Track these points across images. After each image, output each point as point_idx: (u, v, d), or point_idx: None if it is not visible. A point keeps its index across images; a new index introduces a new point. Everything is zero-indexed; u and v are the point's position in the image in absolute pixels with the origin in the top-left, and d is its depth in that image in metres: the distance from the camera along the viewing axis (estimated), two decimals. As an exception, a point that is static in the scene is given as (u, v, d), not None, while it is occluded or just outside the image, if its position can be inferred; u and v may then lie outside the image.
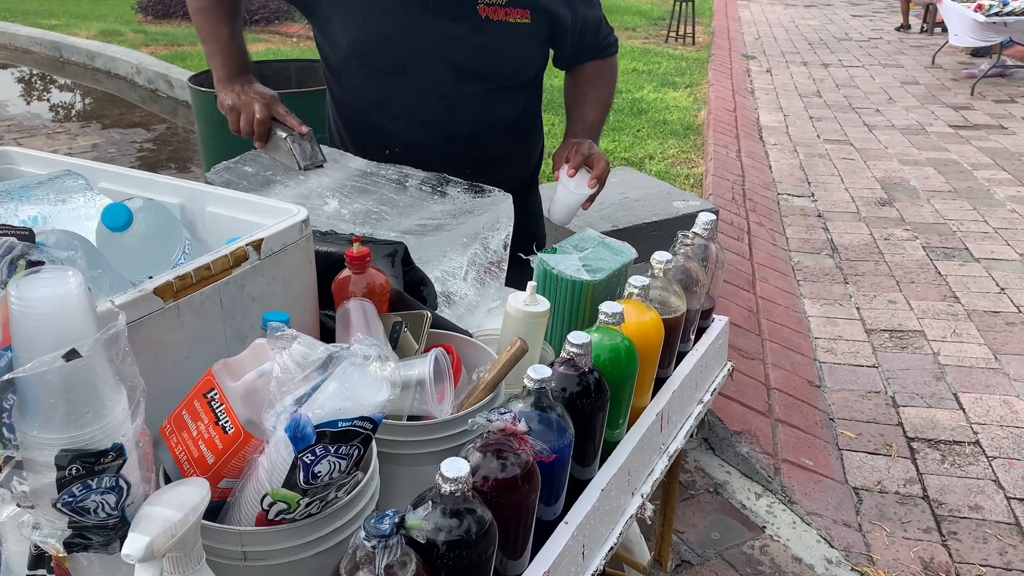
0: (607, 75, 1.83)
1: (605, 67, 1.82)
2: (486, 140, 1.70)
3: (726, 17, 11.90)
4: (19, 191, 1.15)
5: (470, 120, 1.66)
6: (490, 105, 1.67)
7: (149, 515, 0.64)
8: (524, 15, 1.59)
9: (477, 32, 1.58)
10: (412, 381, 0.94)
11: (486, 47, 1.59)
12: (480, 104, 1.65)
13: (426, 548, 0.72)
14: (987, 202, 4.94)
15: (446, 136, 1.67)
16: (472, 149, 1.68)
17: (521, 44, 1.63)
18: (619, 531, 1.11)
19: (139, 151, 5.88)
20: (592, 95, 1.80)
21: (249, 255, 0.99)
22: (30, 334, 0.62)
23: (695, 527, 2.37)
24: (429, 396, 0.93)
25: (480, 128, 1.68)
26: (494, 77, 1.64)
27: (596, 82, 1.81)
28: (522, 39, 1.62)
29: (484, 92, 1.64)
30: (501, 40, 1.60)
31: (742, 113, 6.72)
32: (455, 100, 1.64)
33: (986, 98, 7.40)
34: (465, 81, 1.62)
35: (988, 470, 2.62)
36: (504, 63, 1.64)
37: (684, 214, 2.78)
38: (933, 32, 10.66)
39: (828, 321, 3.58)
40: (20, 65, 8.76)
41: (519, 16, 1.59)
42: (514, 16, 1.59)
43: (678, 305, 1.27)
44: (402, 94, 1.66)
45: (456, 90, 1.63)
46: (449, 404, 0.98)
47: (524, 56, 1.66)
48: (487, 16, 1.57)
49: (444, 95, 1.63)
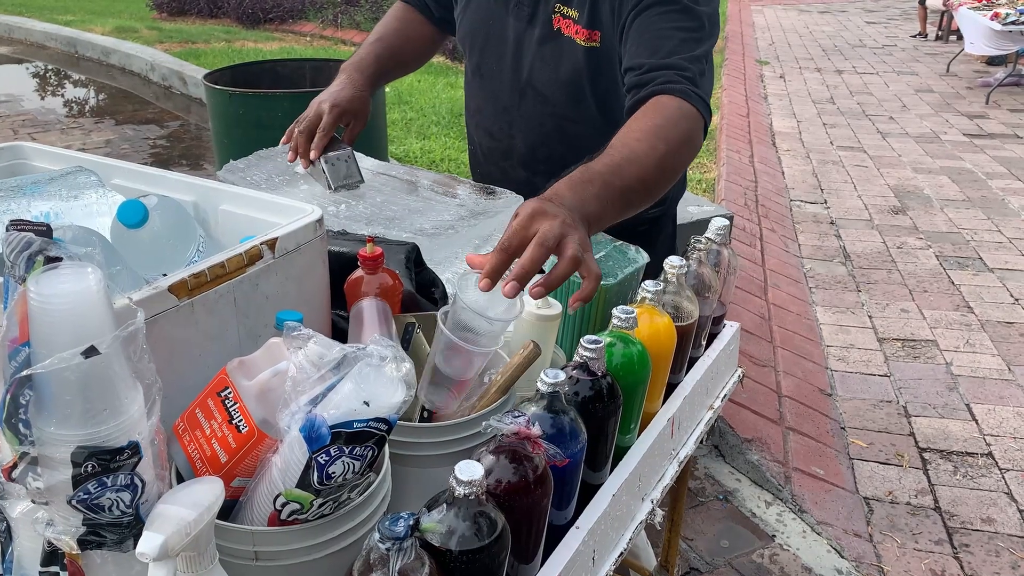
0: (671, 118, 1.22)
1: (674, 107, 1.24)
2: (540, 168, 1.56)
3: (740, 22, 11.87)
4: (31, 187, 1.15)
5: (525, 141, 1.58)
6: (547, 131, 1.54)
7: (163, 514, 0.64)
8: (594, 38, 1.41)
9: (544, 41, 1.47)
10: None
11: (548, 61, 1.48)
12: (537, 126, 1.55)
13: (439, 551, 0.71)
14: (1001, 212, 4.90)
15: (504, 151, 1.62)
16: (527, 173, 1.61)
17: (581, 67, 1.45)
18: (629, 536, 1.10)
19: (152, 148, 5.91)
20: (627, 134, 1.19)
21: (263, 254, 0.98)
22: (49, 330, 0.62)
23: (704, 534, 2.35)
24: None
25: (536, 153, 1.58)
26: (551, 98, 1.51)
27: (650, 115, 1.23)
28: (585, 63, 1.44)
29: (543, 115, 1.53)
30: (563, 56, 1.46)
31: (755, 119, 6.70)
32: (513, 115, 1.57)
33: (1001, 107, 7.35)
34: (525, 96, 1.54)
35: (1001, 482, 2.60)
36: (561, 83, 1.48)
37: (698, 219, 2.77)
38: (948, 40, 10.60)
39: (840, 329, 3.56)
40: (35, 60, 8.82)
41: (589, 38, 1.42)
42: (583, 36, 1.42)
43: (691, 310, 1.26)
44: (477, 95, 1.63)
45: (516, 104, 1.56)
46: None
47: (580, 83, 1.46)
48: (559, 28, 1.45)
49: (506, 107, 1.58)
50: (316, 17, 10.29)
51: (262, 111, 2.84)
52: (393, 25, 1.69)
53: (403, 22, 1.70)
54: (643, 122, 1.21)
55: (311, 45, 9.06)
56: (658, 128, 1.20)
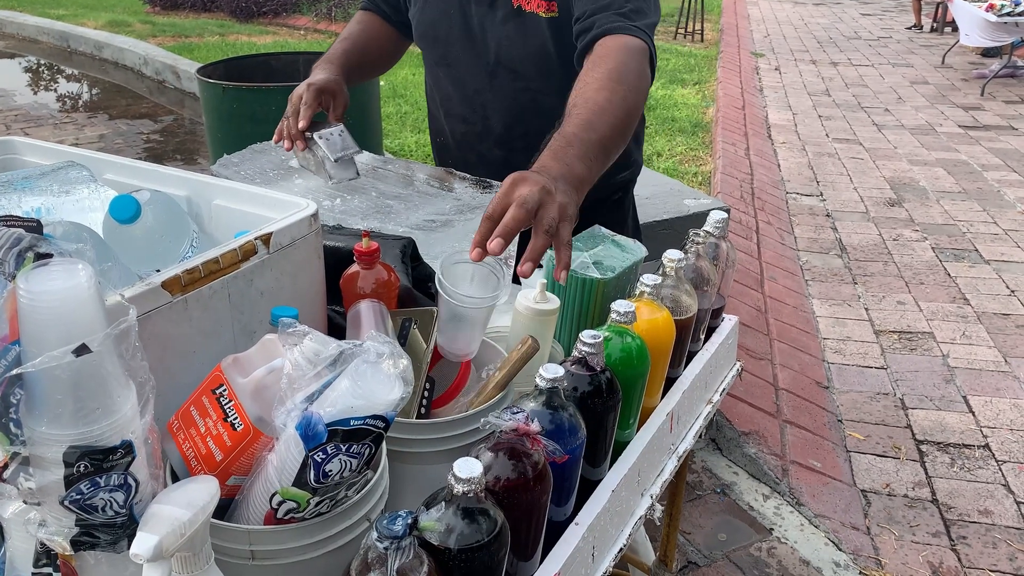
0: (619, 59, 1.29)
1: (618, 46, 1.31)
2: (517, 145, 1.61)
3: (735, 14, 11.85)
4: (22, 182, 1.14)
5: (500, 120, 1.63)
6: (521, 107, 1.60)
7: (158, 514, 0.63)
8: (552, 8, 1.51)
9: (508, 20, 1.54)
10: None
11: (514, 38, 1.55)
12: (512, 103, 1.60)
13: (438, 549, 0.71)
14: (997, 204, 4.90)
15: (479, 134, 1.65)
16: (503, 152, 1.64)
17: (547, 38, 1.54)
18: (629, 532, 1.09)
19: (146, 142, 5.88)
20: (585, 88, 1.25)
21: (258, 249, 0.97)
22: (39, 328, 0.61)
23: (702, 528, 2.35)
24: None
25: (513, 131, 1.62)
26: (524, 74, 1.57)
27: (599, 63, 1.29)
28: (549, 34, 1.53)
29: (516, 91, 1.59)
30: (528, 32, 1.54)
31: (751, 111, 6.69)
32: (486, 96, 1.61)
33: (996, 99, 7.35)
34: (498, 76, 1.58)
35: (998, 474, 2.60)
36: (531, 57, 1.56)
37: (695, 212, 2.76)
38: (943, 31, 10.60)
39: (837, 322, 3.56)
40: (27, 55, 8.77)
41: (547, 10, 1.51)
42: (543, 8, 1.51)
43: (689, 304, 1.25)
44: (444, 84, 1.67)
45: (487, 85, 1.60)
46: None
47: (549, 53, 1.54)
48: (519, 6, 1.52)
49: (477, 90, 1.62)
50: (310, 11, 10.25)
51: (256, 105, 2.82)
52: (356, 28, 1.77)
53: (365, 24, 1.77)
54: (597, 71, 1.28)
55: (305, 39, 9.02)
56: (611, 72, 1.27)
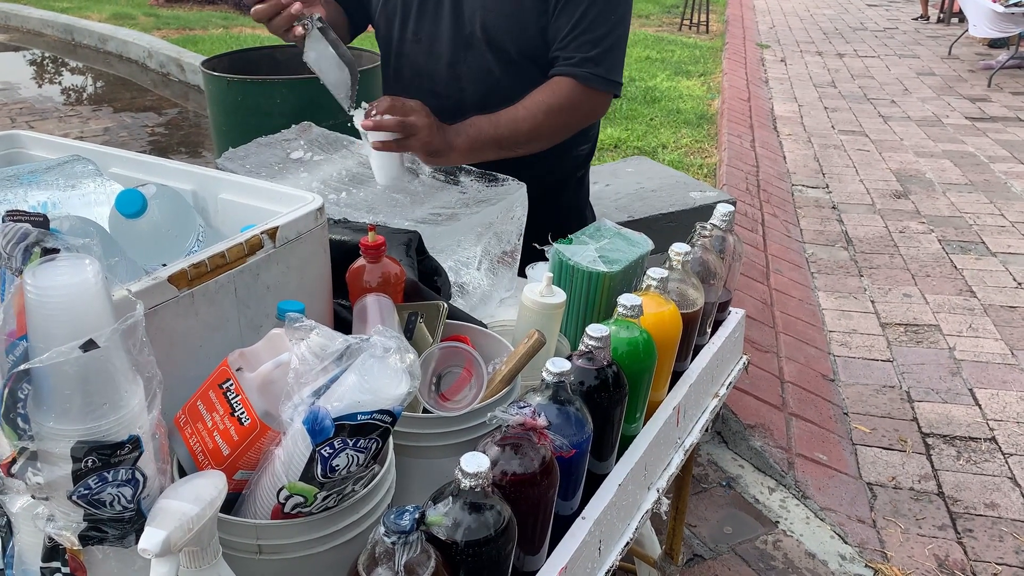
0: (558, 102, 1.53)
1: (567, 92, 1.53)
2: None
3: (740, 5, 11.78)
4: (28, 176, 1.14)
5: (476, 91, 1.62)
6: (497, 79, 1.61)
7: (166, 509, 0.63)
8: None
9: None
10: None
11: (489, 9, 1.55)
12: (487, 76, 1.61)
13: (445, 544, 0.71)
14: (1004, 195, 4.88)
15: (453, 108, 1.61)
16: None
17: (524, 11, 1.56)
18: (635, 526, 1.09)
19: (151, 135, 5.88)
20: (520, 105, 1.52)
21: (264, 243, 0.97)
22: (46, 323, 0.60)
23: (708, 521, 2.35)
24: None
25: (487, 101, 1.60)
26: (499, 47, 1.58)
27: (543, 93, 1.53)
28: (525, 6, 1.55)
29: (491, 63, 1.60)
30: (503, 4, 1.55)
31: (756, 103, 6.66)
32: (460, 69, 1.62)
33: (1003, 90, 7.31)
34: (472, 47, 1.59)
35: (1004, 467, 2.60)
36: (506, 28, 1.57)
37: (701, 205, 2.75)
38: (950, 22, 10.54)
39: (842, 314, 3.54)
40: (32, 48, 8.76)
41: None
42: None
43: (696, 298, 1.25)
44: (415, 62, 1.66)
45: (462, 57, 1.61)
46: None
47: (525, 24, 1.56)
48: None
49: (451, 63, 1.62)
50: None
51: (261, 98, 2.81)
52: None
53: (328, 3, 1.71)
54: (536, 97, 1.54)
55: (309, 31, 8.99)
56: (540, 103, 1.53)
